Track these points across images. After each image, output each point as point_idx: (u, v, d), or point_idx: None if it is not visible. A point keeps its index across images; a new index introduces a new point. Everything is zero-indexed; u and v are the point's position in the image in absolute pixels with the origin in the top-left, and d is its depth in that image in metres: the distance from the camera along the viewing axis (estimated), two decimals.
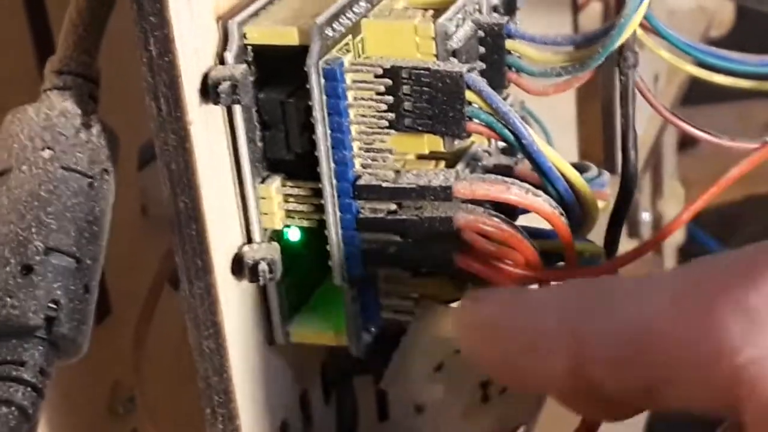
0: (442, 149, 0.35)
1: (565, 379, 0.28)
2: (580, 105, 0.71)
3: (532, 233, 0.35)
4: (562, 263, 0.36)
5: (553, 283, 0.33)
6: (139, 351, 0.45)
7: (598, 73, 0.66)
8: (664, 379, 0.27)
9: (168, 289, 0.49)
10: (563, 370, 0.28)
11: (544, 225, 0.35)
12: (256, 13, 0.33)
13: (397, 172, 0.34)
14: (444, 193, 0.33)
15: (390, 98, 0.33)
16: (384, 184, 0.34)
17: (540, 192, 0.34)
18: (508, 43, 0.36)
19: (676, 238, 1.01)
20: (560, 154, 0.35)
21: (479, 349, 0.31)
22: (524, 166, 0.38)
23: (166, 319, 0.47)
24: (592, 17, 0.71)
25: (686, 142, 1.16)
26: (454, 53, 0.34)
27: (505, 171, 0.37)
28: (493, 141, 0.39)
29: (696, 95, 0.94)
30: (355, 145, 0.34)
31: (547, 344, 0.29)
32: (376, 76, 0.33)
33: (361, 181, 0.34)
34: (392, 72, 0.33)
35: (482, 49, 0.36)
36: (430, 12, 0.35)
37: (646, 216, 0.93)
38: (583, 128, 0.71)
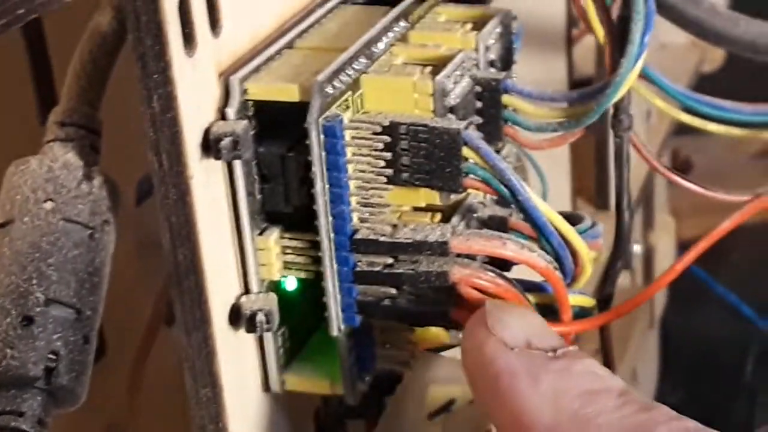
0: (438, 202, 0.36)
1: None
2: (574, 142, 0.71)
3: (527, 287, 0.35)
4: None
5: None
6: (134, 392, 0.46)
7: None
8: None
9: (162, 326, 0.49)
10: None
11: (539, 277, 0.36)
12: (257, 69, 0.34)
13: (395, 226, 0.34)
14: (440, 249, 0.34)
15: (388, 154, 0.34)
16: (381, 239, 0.34)
17: (535, 247, 0.34)
18: (505, 98, 0.37)
19: (665, 267, 1.02)
20: (552, 206, 0.35)
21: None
22: (519, 217, 0.39)
23: (161, 359, 0.47)
24: (586, 51, 0.72)
25: (679, 170, 1.16)
26: (452, 109, 0.35)
27: (501, 222, 0.38)
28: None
29: (687, 125, 0.95)
30: (353, 199, 0.34)
31: (531, 426, 0.31)
32: (375, 133, 0.34)
33: (358, 235, 0.34)
34: (391, 128, 0.34)
35: (479, 104, 0.36)
36: (428, 68, 0.35)
37: (637, 248, 0.94)
38: (577, 165, 0.71)
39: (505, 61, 0.38)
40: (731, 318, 1.10)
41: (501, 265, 0.36)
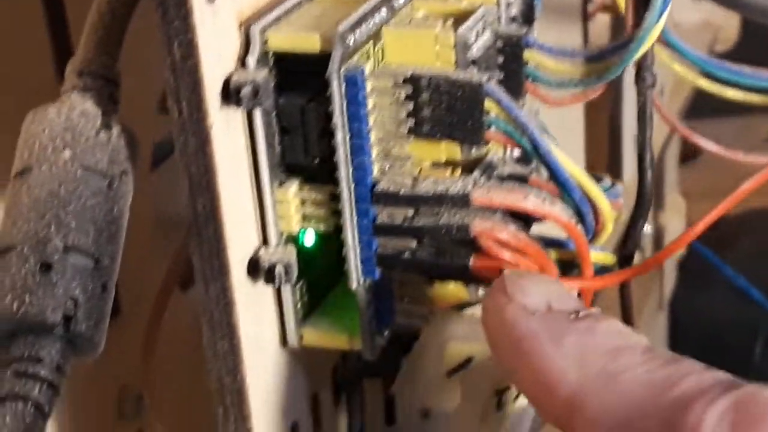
0: (458, 157, 0.35)
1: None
2: (588, 115, 0.71)
3: (548, 242, 0.35)
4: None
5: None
6: (148, 353, 0.45)
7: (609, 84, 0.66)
8: None
9: (177, 290, 0.49)
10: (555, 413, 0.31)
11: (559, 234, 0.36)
12: (278, 19, 0.34)
13: (415, 178, 0.34)
14: (461, 201, 0.33)
15: (410, 105, 0.34)
16: (402, 191, 0.34)
17: (557, 201, 0.34)
18: (526, 54, 0.36)
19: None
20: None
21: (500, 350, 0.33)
22: (539, 175, 0.38)
23: (176, 321, 0.47)
24: (601, 26, 0.71)
25: (688, 156, 1.16)
26: (474, 62, 0.35)
27: (521, 180, 0.37)
28: (508, 149, 0.39)
29: (699, 109, 0.95)
30: (374, 151, 0.34)
31: (555, 392, 0.31)
32: (397, 84, 0.33)
33: (379, 187, 0.34)
34: (412, 80, 0.34)
35: (501, 59, 0.36)
36: (450, 21, 0.35)
37: (647, 228, 0.94)
38: (590, 137, 0.71)
39: (527, 17, 0.38)
40: (740, 301, 1.10)
41: (523, 221, 0.35)
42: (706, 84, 0.47)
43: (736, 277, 1.10)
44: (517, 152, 0.40)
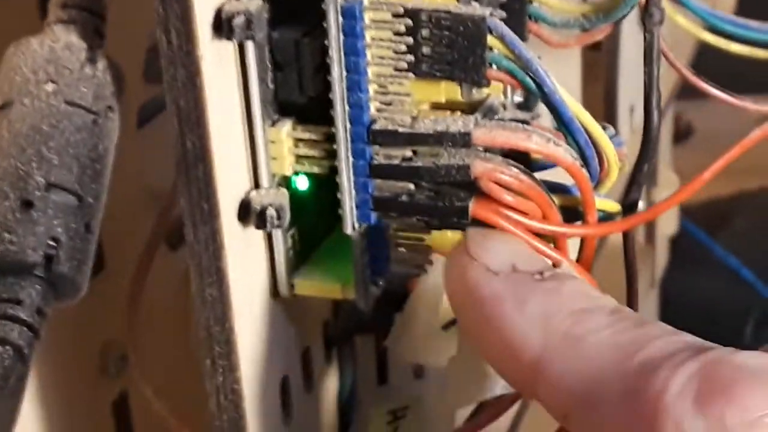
0: (458, 98, 0.34)
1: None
2: (585, 87, 0.70)
3: (550, 187, 0.34)
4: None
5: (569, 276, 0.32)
6: (133, 309, 0.44)
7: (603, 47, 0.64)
8: None
9: (166, 249, 0.48)
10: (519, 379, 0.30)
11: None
12: None
13: (414, 117, 0.33)
14: (462, 140, 0.32)
15: (409, 39, 0.32)
16: (400, 129, 0.32)
17: (561, 142, 0.33)
18: None
19: (669, 229, 1.01)
20: None
21: (464, 310, 0.31)
22: (541, 122, 0.37)
23: (163, 280, 0.46)
24: None
25: (680, 135, 1.15)
26: None
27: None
28: (509, 95, 0.38)
29: (689, 90, 0.94)
30: (371, 88, 0.32)
31: (518, 357, 0.30)
32: (396, 16, 0.32)
33: (376, 126, 0.33)
34: (412, 14, 0.32)
35: None
36: None
37: (641, 205, 0.92)
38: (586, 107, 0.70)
39: None
40: (732, 282, 1.10)
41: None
42: (710, 38, 0.45)
43: (728, 257, 1.10)
44: (517, 98, 0.38)
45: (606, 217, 0.35)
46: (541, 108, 0.38)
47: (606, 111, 0.77)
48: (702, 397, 0.26)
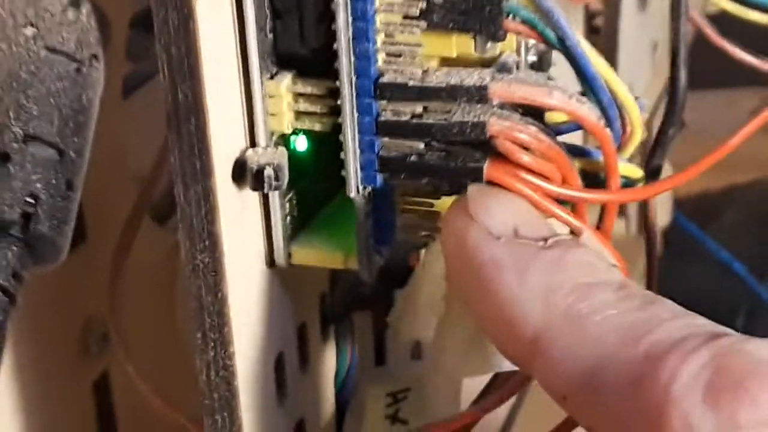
0: (471, 53, 0.31)
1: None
2: None
3: (570, 149, 0.31)
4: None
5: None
6: (115, 284, 0.41)
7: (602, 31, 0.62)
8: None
9: (153, 224, 0.45)
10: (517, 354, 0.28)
11: None
12: None
13: (425, 70, 0.30)
14: (478, 94, 0.29)
15: None
16: (410, 83, 0.30)
17: (584, 99, 0.30)
18: None
19: (662, 221, 0.99)
20: None
21: (460, 276, 0.29)
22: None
23: (147, 253, 0.43)
24: None
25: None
26: None
27: None
28: (522, 54, 0.35)
29: (691, 80, 0.92)
30: (379, 37, 0.30)
31: (517, 331, 0.27)
32: None
33: (384, 79, 0.30)
34: None
35: None
36: None
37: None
38: None
39: None
40: (722, 275, 1.09)
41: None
42: (727, 5, 0.43)
43: (719, 251, 1.08)
44: (531, 57, 0.36)
45: (628, 184, 0.33)
46: (556, 72, 0.36)
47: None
48: (713, 391, 0.24)
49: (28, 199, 0.28)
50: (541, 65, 0.36)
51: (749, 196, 1.16)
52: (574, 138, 0.32)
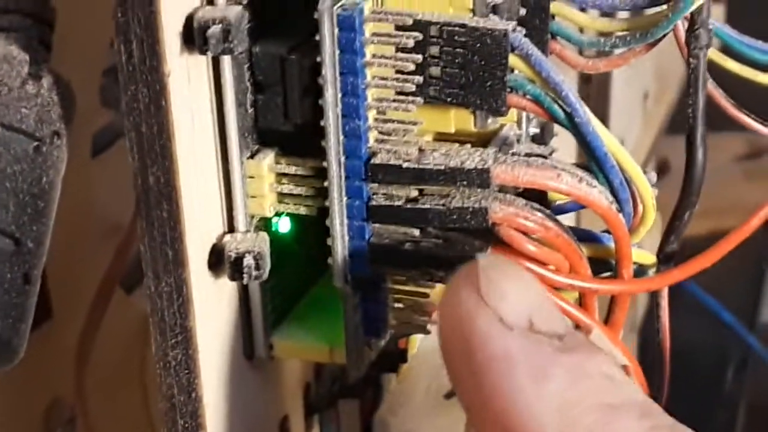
0: (470, 128, 0.29)
1: None
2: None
3: (578, 235, 0.29)
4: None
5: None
6: (83, 364, 0.39)
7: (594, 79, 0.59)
8: None
9: (120, 292, 0.42)
10: None
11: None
12: None
13: (421, 150, 0.27)
14: (480, 178, 0.27)
15: (418, 57, 0.27)
16: (405, 164, 0.27)
17: (594, 182, 0.28)
18: (553, 6, 0.30)
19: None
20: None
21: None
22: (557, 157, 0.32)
23: (116, 328, 0.41)
24: None
25: (658, 172, 1.11)
26: (494, 9, 0.28)
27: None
28: (523, 125, 0.32)
29: (677, 124, 0.91)
30: (371, 114, 0.27)
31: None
32: (402, 28, 0.27)
33: (375, 160, 0.27)
34: (420, 27, 0.27)
35: (522, 11, 0.30)
36: None
37: None
38: None
39: None
40: (712, 324, 1.07)
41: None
42: (736, 67, 0.40)
43: (708, 300, 1.07)
44: (533, 129, 0.33)
45: (639, 272, 0.30)
46: (557, 141, 0.33)
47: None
48: None
49: None
50: (543, 137, 0.33)
51: (738, 243, 1.14)
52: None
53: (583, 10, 0.30)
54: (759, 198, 0.35)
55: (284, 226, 0.30)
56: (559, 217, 0.30)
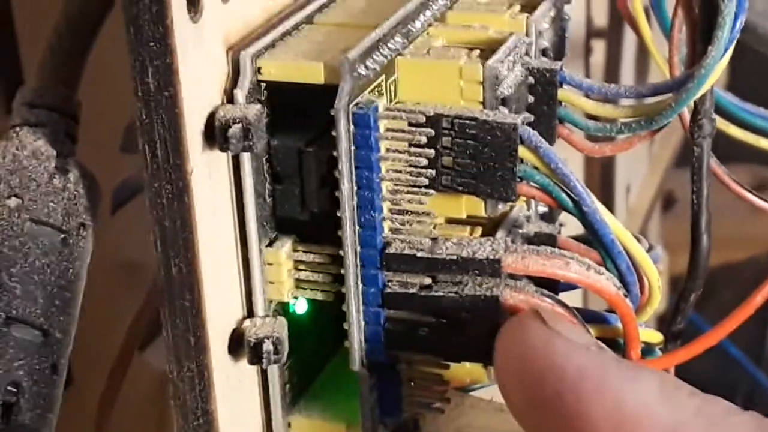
0: (481, 213, 0.30)
1: None
2: (586, 161, 0.66)
3: (586, 317, 0.30)
4: None
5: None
6: (103, 427, 0.39)
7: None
8: None
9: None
10: None
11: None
12: (272, 45, 0.28)
13: (434, 239, 0.28)
14: (491, 268, 0.28)
15: (430, 152, 0.28)
16: (418, 254, 0.28)
17: (602, 269, 0.29)
18: (560, 93, 0.31)
19: (659, 306, 0.97)
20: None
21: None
22: (566, 235, 0.33)
23: (133, 390, 0.41)
24: (598, 66, 0.67)
25: (663, 205, 1.12)
26: (503, 101, 0.29)
27: (548, 240, 0.32)
28: (532, 205, 0.33)
29: (681, 159, 0.91)
30: (385, 206, 0.28)
31: None
32: (414, 125, 0.28)
33: (390, 249, 0.28)
34: (432, 121, 0.28)
35: (531, 99, 0.31)
36: (476, 52, 0.29)
37: None
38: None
39: (558, 51, 0.33)
40: (719, 359, 1.07)
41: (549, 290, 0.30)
42: (739, 133, 0.41)
43: None
44: (542, 208, 0.34)
45: (647, 350, 0.31)
46: (564, 216, 0.34)
47: (603, 190, 0.74)
48: None
49: (10, 388, 0.26)
50: (551, 215, 0.34)
51: (745, 273, 1.15)
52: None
53: (588, 96, 0.31)
54: (765, 230, 0.36)
55: (301, 307, 0.30)
56: (569, 292, 0.31)
